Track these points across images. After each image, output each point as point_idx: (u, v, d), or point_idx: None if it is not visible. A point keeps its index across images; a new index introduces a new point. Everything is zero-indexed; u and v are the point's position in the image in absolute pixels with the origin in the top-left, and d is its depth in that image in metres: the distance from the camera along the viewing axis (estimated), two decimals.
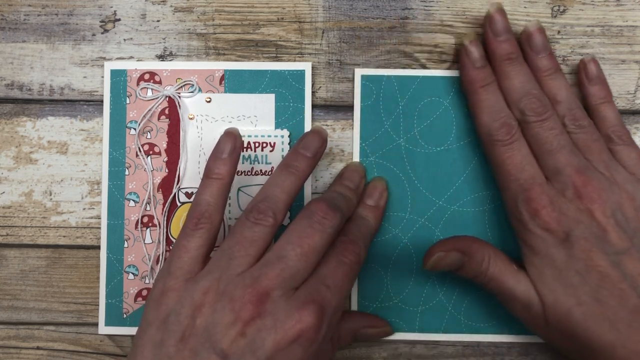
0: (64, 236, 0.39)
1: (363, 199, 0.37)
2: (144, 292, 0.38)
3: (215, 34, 0.39)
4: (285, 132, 0.38)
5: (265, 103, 0.38)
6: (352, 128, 0.38)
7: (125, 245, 0.38)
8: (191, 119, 0.38)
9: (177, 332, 0.29)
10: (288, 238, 0.31)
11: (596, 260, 0.32)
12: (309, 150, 0.34)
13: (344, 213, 0.33)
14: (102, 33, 0.39)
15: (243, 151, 0.38)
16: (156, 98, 0.38)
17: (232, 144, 0.33)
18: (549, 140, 0.34)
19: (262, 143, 0.38)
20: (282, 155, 0.38)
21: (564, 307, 0.32)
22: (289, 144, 0.38)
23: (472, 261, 0.34)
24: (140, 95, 0.38)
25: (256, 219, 0.31)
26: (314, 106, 0.39)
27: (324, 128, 0.36)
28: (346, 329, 0.36)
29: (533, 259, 0.33)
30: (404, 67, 0.38)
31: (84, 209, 0.39)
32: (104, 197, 0.38)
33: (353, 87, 0.38)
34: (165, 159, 0.38)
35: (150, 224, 0.38)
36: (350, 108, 0.39)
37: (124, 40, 0.39)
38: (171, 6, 0.39)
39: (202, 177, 0.34)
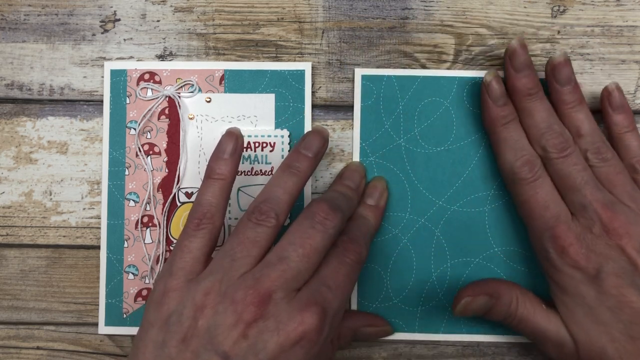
0: (64, 236, 0.39)
1: (363, 199, 0.37)
2: (144, 292, 0.38)
3: (215, 34, 0.39)
4: (285, 132, 0.38)
5: (265, 103, 0.38)
6: (352, 128, 0.38)
7: (125, 245, 0.38)
8: (191, 119, 0.38)
9: (178, 333, 0.29)
10: (290, 239, 0.31)
11: (628, 296, 0.31)
12: (310, 150, 0.34)
13: (345, 213, 0.33)
14: (102, 33, 0.39)
15: (243, 151, 0.38)
16: (156, 98, 0.38)
17: (233, 144, 0.33)
18: (572, 175, 0.34)
19: (262, 143, 0.38)
20: (282, 155, 0.38)
21: (597, 345, 0.32)
22: (289, 144, 0.38)
23: (501, 303, 0.34)
24: (140, 95, 0.38)
25: (258, 219, 0.31)
26: (314, 106, 0.39)
27: (325, 128, 0.36)
28: (346, 328, 0.36)
29: (563, 297, 0.33)
30: (404, 67, 0.38)
31: (84, 209, 0.39)
32: (104, 197, 0.38)
33: (353, 87, 0.38)
34: (165, 159, 0.38)
35: (150, 224, 0.38)
36: (350, 108, 0.39)
37: (124, 40, 0.39)
38: (171, 6, 0.39)
39: (203, 177, 0.34)
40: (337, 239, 0.33)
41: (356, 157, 0.38)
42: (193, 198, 0.38)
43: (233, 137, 0.33)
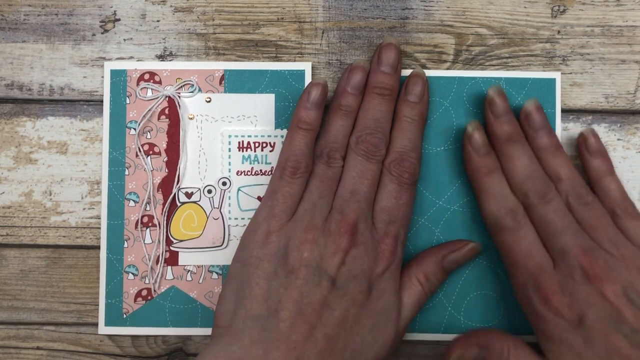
0: (64, 236, 0.39)
1: (405, 95, 0.37)
2: (144, 292, 0.38)
3: (215, 34, 0.39)
4: (285, 132, 0.38)
5: (265, 103, 0.38)
6: None
7: (125, 245, 0.38)
8: (191, 119, 0.38)
9: (288, 264, 0.33)
10: (352, 174, 0.35)
11: (615, 342, 0.31)
12: (355, 88, 0.36)
13: (386, 135, 0.36)
14: (102, 33, 0.39)
15: (243, 151, 0.38)
16: (156, 98, 0.38)
17: (321, 93, 0.36)
18: (553, 221, 0.34)
19: (262, 143, 0.38)
20: None
21: None
22: None
23: (492, 354, 0.34)
24: (140, 95, 0.38)
25: (329, 162, 0.35)
26: None
27: (362, 61, 0.38)
28: (430, 265, 0.36)
29: (550, 346, 0.33)
30: (404, 67, 0.38)
31: (84, 209, 0.39)
32: (104, 197, 0.38)
33: None
34: (165, 159, 0.38)
35: (150, 224, 0.38)
36: None
37: (124, 40, 0.39)
38: (171, 6, 0.39)
39: (290, 125, 0.36)
40: (387, 158, 0.35)
41: None
42: (193, 198, 0.38)
43: (319, 87, 0.36)
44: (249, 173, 0.38)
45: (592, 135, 0.37)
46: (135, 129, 0.38)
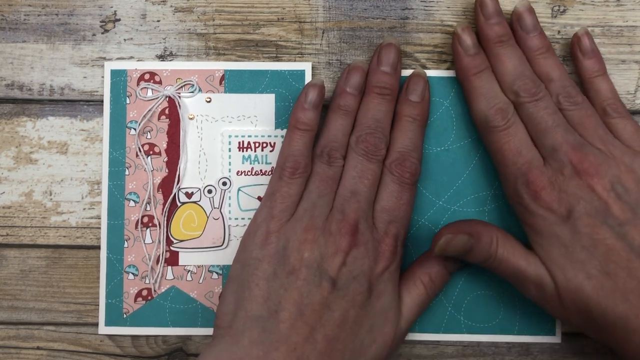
0: (64, 236, 0.39)
1: (406, 94, 0.37)
2: (144, 292, 0.38)
3: (215, 34, 0.39)
4: (285, 132, 0.38)
5: (265, 103, 0.38)
6: None
7: (125, 245, 0.38)
8: (191, 119, 0.38)
9: (288, 265, 0.33)
10: (352, 173, 0.35)
11: (601, 234, 0.32)
12: (354, 87, 0.36)
13: (386, 134, 0.36)
14: (102, 33, 0.39)
15: (243, 151, 0.38)
16: (156, 98, 0.38)
17: (318, 94, 0.36)
18: (543, 119, 0.34)
19: (262, 143, 0.38)
20: None
21: (574, 283, 0.32)
22: None
23: (481, 243, 0.34)
24: (140, 95, 0.38)
25: (329, 161, 0.35)
26: None
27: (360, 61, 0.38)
28: (435, 268, 0.36)
29: (538, 239, 0.34)
30: (404, 67, 0.38)
31: (84, 209, 0.39)
32: (104, 197, 0.38)
33: None
34: (165, 159, 0.38)
35: (150, 224, 0.38)
36: None
37: (124, 40, 0.39)
38: (171, 6, 0.39)
39: (288, 126, 0.36)
40: (388, 158, 0.35)
41: None
42: (193, 198, 0.38)
43: (316, 88, 0.36)
44: (249, 173, 0.38)
45: (586, 35, 0.37)
46: (135, 129, 0.38)
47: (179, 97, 0.38)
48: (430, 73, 0.38)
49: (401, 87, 0.37)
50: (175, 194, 0.38)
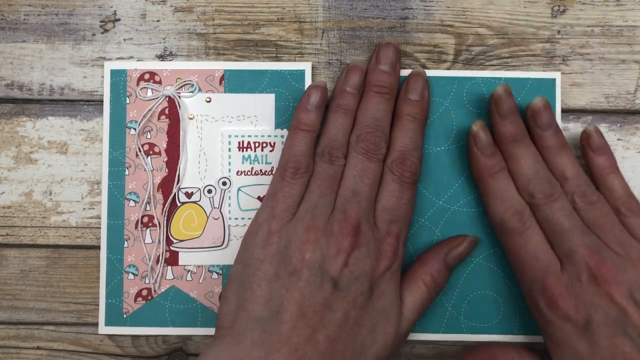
0: (64, 236, 0.39)
1: (405, 93, 0.37)
2: (144, 292, 0.38)
3: (215, 33, 0.39)
4: (285, 132, 0.38)
5: (265, 103, 0.38)
6: None
7: (125, 245, 0.38)
8: (191, 119, 0.38)
9: (290, 265, 0.32)
10: (353, 173, 0.35)
11: (621, 346, 0.31)
12: (354, 87, 0.36)
13: (386, 133, 0.36)
14: (102, 33, 0.39)
15: (243, 151, 0.38)
16: (156, 98, 0.38)
17: (320, 95, 0.36)
18: (559, 221, 0.34)
19: (262, 143, 0.38)
20: None
21: None
22: None
23: None
24: (140, 95, 0.38)
25: (331, 160, 0.35)
26: None
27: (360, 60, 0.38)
28: (435, 267, 0.36)
29: (557, 350, 0.33)
30: (404, 67, 0.38)
31: (84, 209, 0.39)
32: (104, 197, 0.38)
33: None
34: (165, 159, 0.38)
35: (150, 224, 0.38)
36: None
37: (124, 40, 0.39)
38: (171, 6, 0.39)
39: (290, 127, 0.36)
40: (388, 157, 0.35)
41: None
42: (193, 198, 0.38)
43: (319, 89, 0.36)
44: (249, 173, 0.38)
45: (596, 132, 0.37)
46: (135, 129, 0.38)
47: (179, 97, 0.38)
48: (430, 73, 0.38)
49: (401, 86, 0.37)
50: (175, 194, 0.38)
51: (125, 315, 0.38)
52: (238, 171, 0.38)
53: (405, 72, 0.38)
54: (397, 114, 0.36)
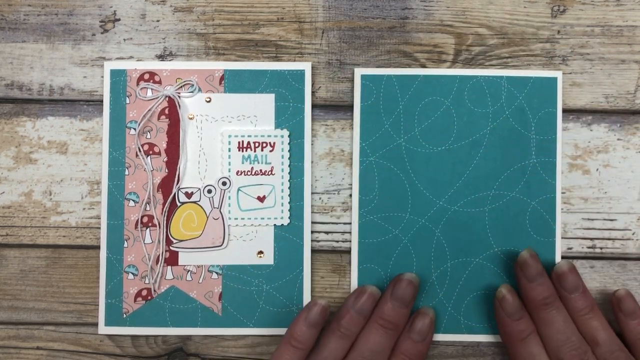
0: (64, 236, 0.39)
1: (409, 332, 0.36)
2: (144, 292, 0.38)
3: (215, 34, 0.39)
4: (285, 132, 0.38)
5: (265, 103, 0.38)
6: (352, 128, 0.38)
7: (125, 245, 0.38)
8: (191, 119, 0.38)
9: None
10: None
11: None
12: (361, 313, 0.36)
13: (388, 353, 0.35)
14: (102, 33, 0.39)
15: (243, 151, 0.38)
16: (156, 98, 0.38)
17: (320, 313, 0.35)
18: None
19: (262, 143, 0.38)
20: (282, 155, 0.38)
21: None
22: (289, 143, 0.38)
23: None
24: (140, 95, 0.38)
25: None
26: (313, 106, 0.39)
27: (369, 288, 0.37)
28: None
29: None
30: (404, 67, 0.38)
31: (84, 209, 0.39)
32: (104, 197, 0.38)
33: (353, 87, 0.38)
34: (165, 159, 0.38)
35: (150, 224, 0.38)
36: (350, 108, 0.39)
37: (124, 40, 0.39)
38: (171, 6, 0.39)
39: (283, 337, 0.35)
40: None
41: (356, 157, 0.38)
42: (193, 198, 0.38)
43: (320, 307, 0.35)
44: (249, 173, 0.38)
45: (627, 296, 0.37)
46: (135, 129, 0.38)
47: (179, 97, 0.38)
48: (430, 72, 0.38)
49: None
50: (175, 194, 0.38)
51: (125, 315, 0.38)
52: (238, 171, 0.38)
53: (405, 72, 0.38)
54: (396, 348, 0.36)
